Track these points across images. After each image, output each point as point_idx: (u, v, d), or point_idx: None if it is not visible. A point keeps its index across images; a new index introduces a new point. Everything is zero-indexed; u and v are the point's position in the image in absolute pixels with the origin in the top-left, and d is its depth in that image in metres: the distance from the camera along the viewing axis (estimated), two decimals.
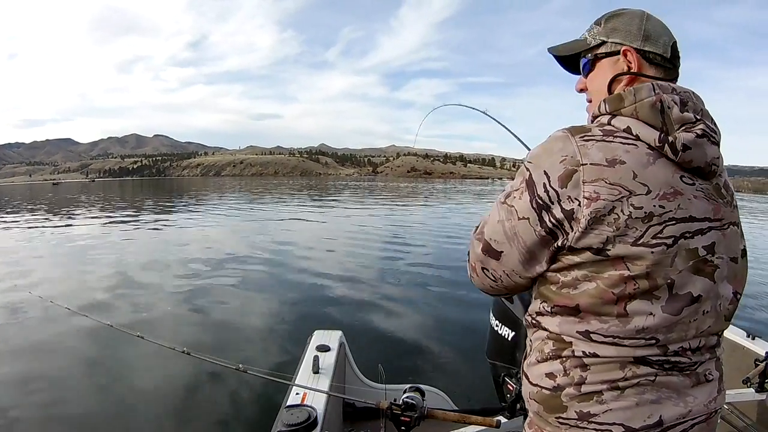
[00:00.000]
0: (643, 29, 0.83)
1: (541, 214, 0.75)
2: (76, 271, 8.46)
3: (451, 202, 30.22)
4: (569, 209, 0.72)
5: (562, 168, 0.73)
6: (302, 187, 59.61)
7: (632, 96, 0.76)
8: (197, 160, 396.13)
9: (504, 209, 0.81)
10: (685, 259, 0.73)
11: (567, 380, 0.76)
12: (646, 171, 0.72)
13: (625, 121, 0.76)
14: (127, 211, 21.86)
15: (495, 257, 0.83)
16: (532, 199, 0.76)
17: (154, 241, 12.06)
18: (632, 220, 0.70)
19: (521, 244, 0.79)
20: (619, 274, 0.71)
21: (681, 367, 0.75)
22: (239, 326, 5.31)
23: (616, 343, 0.73)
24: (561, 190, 0.73)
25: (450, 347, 4.47)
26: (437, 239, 12.00)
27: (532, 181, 0.76)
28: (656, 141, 0.73)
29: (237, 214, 20.43)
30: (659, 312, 0.72)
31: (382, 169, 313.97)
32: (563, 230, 0.74)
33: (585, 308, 0.75)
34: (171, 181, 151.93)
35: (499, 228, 0.81)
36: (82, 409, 3.52)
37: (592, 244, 0.72)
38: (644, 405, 0.73)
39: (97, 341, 4.71)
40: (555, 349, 0.79)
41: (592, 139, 0.74)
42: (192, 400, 3.58)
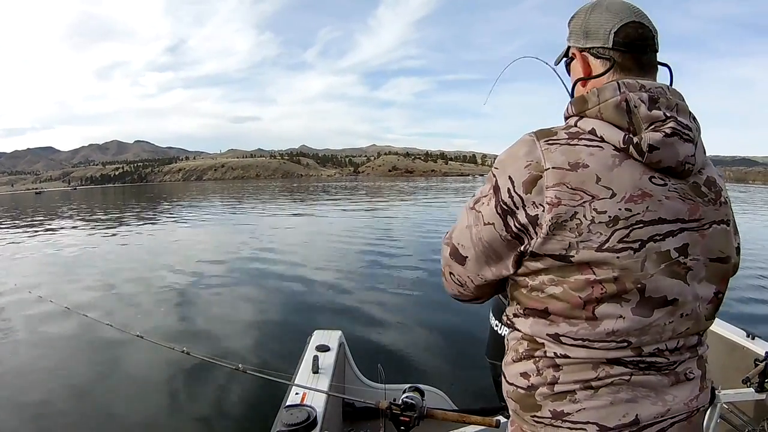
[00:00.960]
0: (584, 25, 0.81)
1: (506, 219, 0.75)
2: (75, 275, 8.46)
3: (438, 200, 30.29)
4: (534, 215, 0.71)
5: (527, 173, 0.72)
6: (285, 189, 59.81)
7: (596, 97, 0.75)
8: (179, 165, 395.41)
9: (472, 215, 0.81)
10: (656, 262, 0.70)
11: (540, 380, 0.76)
12: (611, 174, 0.70)
13: (590, 123, 0.74)
14: (114, 218, 21.89)
15: (460, 262, 0.83)
16: (497, 204, 0.75)
17: (147, 245, 12.09)
18: (595, 225, 0.69)
19: (487, 249, 0.79)
20: (585, 278, 0.70)
21: (658, 366, 0.74)
22: (239, 326, 5.31)
23: (586, 345, 0.72)
24: (525, 196, 0.72)
25: (450, 347, 4.47)
26: (435, 238, 12.00)
27: (498, 186, 0.75)
28: (621, 142, 0.71)
29: (225, 218, 20.51)
30: (629, 314, 0.71)
31: (363, 169, 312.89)
32: (528, 235, 0.73)
33: (554, 311, 0.74)
34: (153, 187, 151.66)
35: (467, 233, 0.81)
36: (82, 409, 3.52)
37: (555, 250, 0.71)
38: (619, 404, 0.72)
39: (97, 341, 4.71)
40: (528, 350, 0.79)
41: (556, 143, 0.73)
42: (192, 400, 3.58)
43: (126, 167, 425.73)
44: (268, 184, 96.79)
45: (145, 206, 32.09)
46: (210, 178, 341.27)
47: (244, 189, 66.58)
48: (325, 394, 1.64)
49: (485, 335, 1.61)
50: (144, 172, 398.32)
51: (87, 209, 30.92)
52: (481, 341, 1.66)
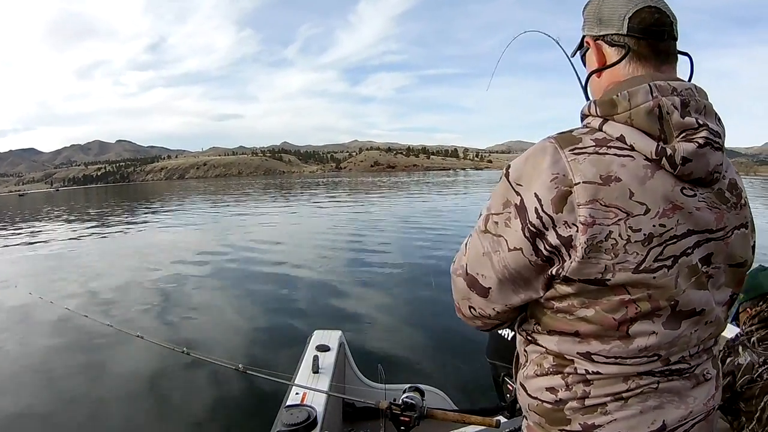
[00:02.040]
0: (597, 12, 0.76)
1: (535, 243, 0.68)
2: (74, 276, 8.46)
3: (432, 193, 30.31)
4: (567, 236, 0.65)
5: (554, 189, 0.65)
6: (270, 186, 59.63)
7: (626, 101, 0.68)
8: (161, 164, 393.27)
9: (488, 240, 0.72)
10: (687, 276, 0.68)
11: (570, 395, 0.73)
12: (644, 187, 0.65)
13: (618, 129, 0.68)
14: (102, 219, 21.64)
15: (482, 294, 0.76)
16: (524, 226, 0.68)
17: (139, 247, 12.00)
18: (631, 245, 0.64)
19: (514, 276, 0.71)
20: (619, 299, 0.67)
21: (681, 371, 0.73)
22: (239, 326, 5.31)
23: (619, 362, 0.70)
24: (556, 216, 0.65)
25: (450, 347, 4.46)
26: (432, 237, 11.98)
27: (524, 206, 0.68)
28: (653, 153, 0.66)
29: (213, 217, 20.37)
30: (661, 330, 0.69)
31: (346, 165, 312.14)
32: (560, 257, 0.67)
33: (584, 333, 0.71)
34: (136, 187, 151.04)
35: (486, 262, 0.73)
36: (82, 409, 3.52)
37: (591, 275, 0.66)
38: (648, 412, 0.71)
39: (97, 341, 4.71)
40: (555, 365, 0.75)
41: (583, 152, 0.66)
42: (192, 400, 3.58)
43: (108, 167, 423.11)
44: (251, 182, 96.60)
45: (130, 207, 31.74)
46: (192, 176, 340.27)
47: (228, 187, 66.53)
48: (325, 394, 1.64)
49: (485, 335, 1.61)
50: (126, 171, 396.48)
51: (72, 211, 30.63)
52: (481, 341, 1.66)
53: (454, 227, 13.17)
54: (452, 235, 11.30)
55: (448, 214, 17.25)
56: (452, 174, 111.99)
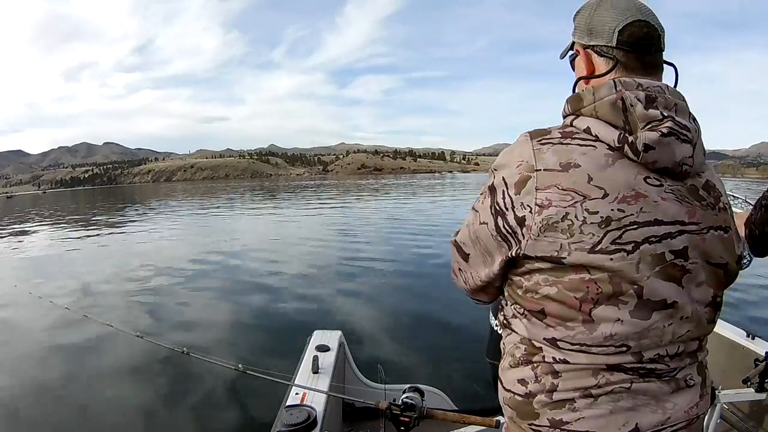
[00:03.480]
0: (588, 22, 0.79)
1: (497, 220, 0.75)
2: (69, 276, 8.46)
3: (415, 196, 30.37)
4: (521, 216, 0.71)
5: (518, 174, 0.72)
6: (258, 189, 59.64)
7: (591, 95, 0.73)
8: (148, 167, 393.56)
9: (472, 213, 0.82)
10: (651, 264, 0.69)
11: (538, 387, 0.74)
12: (604, 173, 0.68)
13: (585, 121, 0.73)
14: (95, 221, 21.62)
15: (464, 259, 0.86)
16: (492, 205, 0.76)
17: (135, 249, 11.97)
18: (587, 226, 0.67)
19: (482, 248, 0.80)
20: (580, 278, 0.69)
21: (659, 373, 0.72)
22: (239, 326, 5.31)
23: (584, 350, 0.71)
24: (515, 197, 0.72)
25: (450, 347, 4.47)
26: (429, 237, 11.99)
27: (494, 186, 0.76)
28: (615, 141, 0.70)
29: (204, 219, 20.32)
30: (627, 317, 0.69)
31: (333, 168, 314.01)
32: (516, 237, 0.73)
33: (550, 313, 0.73)
34: (123, 189, 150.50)
35: (467, 232, 0.83)
36: (82, 409, 3.52)
37: (546, 252, 0.70)
38: (619, 413, 0.70)
39: (97, 341, 4.72)
40: (526, 354, 0.77)
41: (548, 143, 0.72)
42: (192, 400, 3.58)
43: (96, 169, 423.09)
44: (239, 184, 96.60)
45: (120, 209, 31.53)
46: (179, 178, 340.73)
47: (216, 189, 66.49)
48: (325, 394, 1.64)
49: (485, 335, 1.61)
50: (114, 174, 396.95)
51: (62, 213, 30.39)
52: (481, 341, 1.66)
53: (449, 226, 13.16)
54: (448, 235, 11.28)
55: (440, 215, 17.28)
56: (438, 176, 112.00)
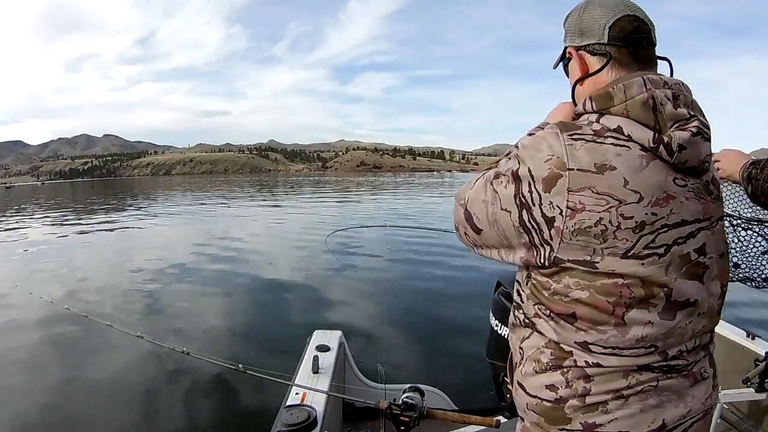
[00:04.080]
0: (578, 23, 0.79)
1: (521, 213, 0.71)
2: (68, 274, 8.44)
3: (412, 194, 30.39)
4: (550, 216, 0.68)
5: (547, 170, 0.68)
6: (258, 184, 59.37)
7: (622, 93, 0.71)
8: (147, 160, 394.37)
9: (490, 191, 0.76)
10: (679, 266, 0.70)
11: (570, 392, 0.73)
12: (639, 176, 0.67)
13: (615, 120, 0.70)
14: (91, 214, 21.45)
15: (475, 231, 0.80)
16: (517, 194, 0.72)
17: (133, 245, 11.94)
18: (621, 231, 0.66)
19: (501, 232, 0.76)
20: (612, 282, 0.68)
21: (679, 369, 0.74)
22: (239, 326, 5.31)
23: (617, 353, 0.71)
24: (543, 194, 0.68)
25: (450, 347, 4.46)
26: (429, 236, 11.97)
27: (518, 175, 0.72)
28: (650, 142, 0.68)
29: (205, 214, 20.17)
30: (657, 319, 0.70)
31: (332, 164, 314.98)
32: (542, 235, 0.71)
33: (581, 316, 0.72)
34: (122, 182, 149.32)
35: (483, 208, 0.77)
36: (81, 409, 3.52)
37: (579, 256, 0.69)
38: (648, 410, 0.71)
39: (97, 342, 4.71)
40: (554, 359, 0.75)
41: (581, 139, 0.69)
42: (191, 400, 3.58)
43: (95, 161, 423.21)
44: (239, 179, 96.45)
45: (120, 202, 31.24)
46: (179, 172, 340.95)
47: (216, 183, 66.36)
48: (325, 394, 1.64)
49: (485, 335, 1.61)
50: (113, 166, 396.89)
51: (61, 205, 30.04)
52: (481, 341, 1.66)
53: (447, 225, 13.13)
54: (448, 234, 11.26)
55: (441, 213, 17.25)
56: (437, 175, 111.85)
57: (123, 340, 4.37)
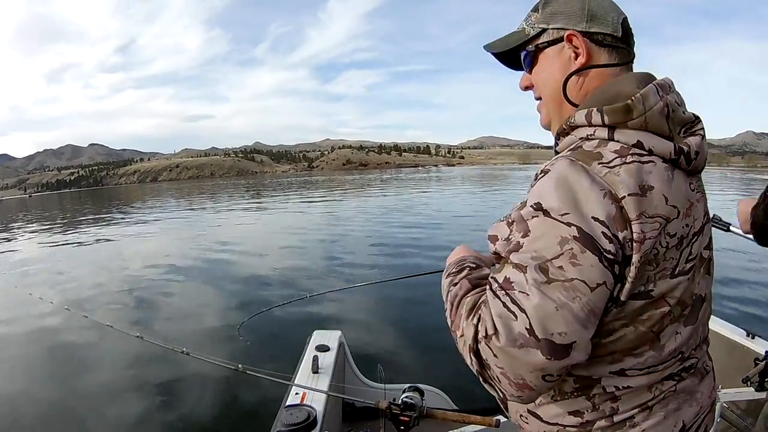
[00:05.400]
0: (587, 8, 0.72)
1: (614, 270, 0.60)
2: (67, 277, 8.46)
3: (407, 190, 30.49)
4: (628, 255, 0.61)
5: (611, 207, 0.59)
6: (245, 187, 59.31)
7: (641, 105, 0.64)
8: (133, 167, 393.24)
9: (559, 288, 0.59)
10: (699, 269, 0.70)
11: (597, 414, 0.70)
12: (672, 190, 0.63)
13: (632, 135, 0.64)
14: (81, 223, 21.44)
15: (564, 355, 0.60)
16: (600, 257, 0.58)
17: (126, 251, 11.87)
18: (669, 251, 0.63)
19: (599, 315, 0.62)
20: (660, 313, 0.65)
21: (688, 368, 0.73)
22: (238, 326, 5.30)
23: (651, 372, 0.68)
24: (621, 234, 0.59)
25: (450, 347, 4.38)
26: (429, 232, 11.98)
27: (587, 234, 0.58)
28: (672, 153, 0.64)
29: (195, 219, 20.22)
30: (682, 328, 0.69)
31: (318, 164, 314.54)
32: (619, 279, 0.62)
33: (618, 350, 0.66)
34: (110, 191, 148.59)
35: (565, 315, 0.59)
36: (81, 408, 3.52)
37: (635, 288, 0.62)
38: (670, 416, 0.71)
39: (97, 342, 4.71)
40: (579, 387, 0.70)
41: (613, 165, 0.61)
42: (192, 401, 3.58)
43: (81, 171, 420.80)
44: (226, 183, 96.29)
45: (109, 211, 31.04)
46: (165, 178, 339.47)
47: (203, 188, 66.47)
48: (325, 394, 1.64)
49: None
50: (99, 175, 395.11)
51: (51, 217, 29.96)
52: None
53: (445, 223, 13.16)
54: (449, 235, 11.27)
55: (433, 211, 17.26)
56: (423, 170, 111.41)
57: (122, 340, 4.37)
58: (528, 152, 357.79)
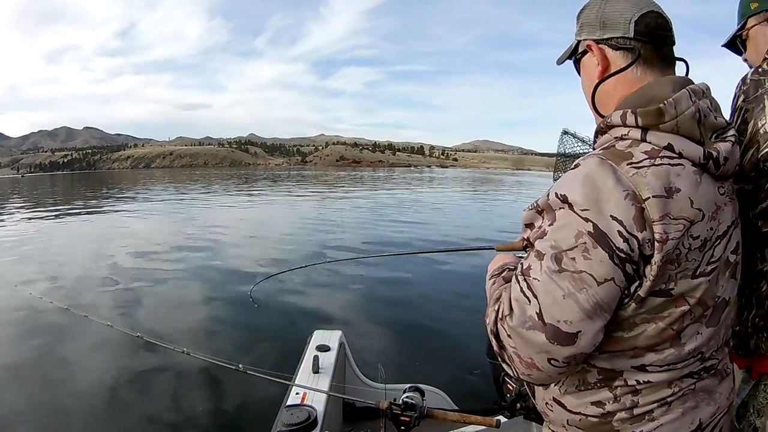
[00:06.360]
0: (600, 15, 0.76)
1: (625, 268, 0.63)
2: (64, 273, 8.42)
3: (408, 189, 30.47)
4: (648, 254, 0.63)
5: (632, 208, 0.62)
6: (238, 178, 59.07)
7: (673, 109, 0.66)
8: (127, 153, 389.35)
9: (568, 278, 0.64)
10: (724, 271, 0.71)
11: (618, 406, 0.73)
12: (698, 194, 0.65)
13: (664, 138, 0.66)
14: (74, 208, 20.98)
15: (569, 342, 0.65)
16: (612, 253, 0.62)
17: (118, 239, 11.73)
18: (692, 252, 0.65)
19: (605, 310, 0.65)
20: (680, 311, 0.67)
21: (708, 368, 0.75)
22: (238, 326, 5.31)
23: (671, 369, 0.71)
24: (640, 235, 0.62)
25: (450, 347, 4.46)
26: (428, 230, 11.98)
27: (602, 231, 0.62)
28: (701, 158, 0.66)
29: (189, 209, 19.78)
30: (704, 329, 0.71)
31: (311, 159, 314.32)
32: (638, 277, 0.65)
33: (640, 345, 0.70)
34: (102, 174, 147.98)
35: (570, 304, 0.63)
36: (81, 408, 3.52)
37: (656, 286, 0.66)
38: (687, 413, 0.73)
39: (97, 342, 4.71)
40: (602, 379, 0.73)
41: (641, 166, 0.64)
42: (192, 400, 3.58)
43: (75, 154, 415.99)
44: (220, 173, 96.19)
45: (106, 195, 30.90)
46: (158, 166, 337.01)
47: (197, 177, 66.14)
48: (325, 394, 1.64)
49: (485, 335, 1.60)
50: (93, 159, 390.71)
51: (44, 199, 29.36)
52: (481, 341, 1.65)
53: (448, 223, 13.14)
54: (449, 234, 11.25)
55: (433, 209, 17.26)
56: (416, 170, 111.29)
57: (122, 339, 4.37)
58: (522, 158, 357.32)
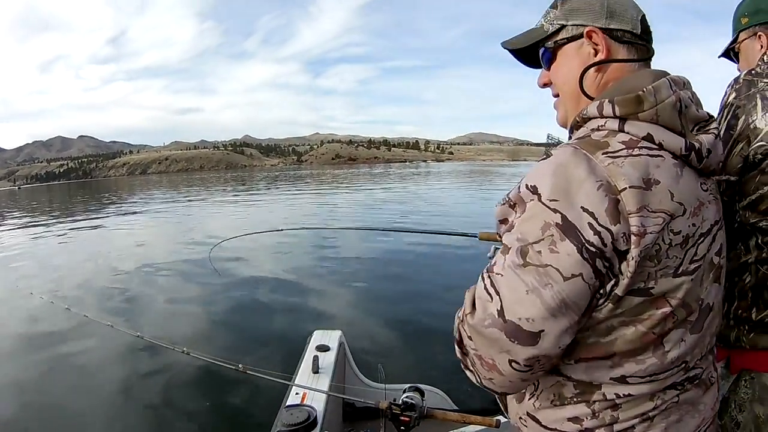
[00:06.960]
0: (606, 5, 0.72)
1: (595, 263, 0.58)
2: (64, 274, 8.43)
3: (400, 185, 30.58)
4: (623, 250, 0.59)
5: (605, 199, 0.58)
6: (234, 180, 59.15)
7: (653, 97, 0.63)
8: (123, 160, 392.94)
9: (532, 273, 0.59)
10: (708, 273, 0.67)
11: (596, 422, 0.68)
12: (679, 187, 0.62)
13: (643, 127, 0.63)
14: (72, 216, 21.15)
15: (530, 342, 0.60)
16: (581, 247, 0.57)
17: (121, 244, 11.73)
18: (672, 248, 0.61)
19: (572, 309, 0.60)
20: (661, 313, 0.63)
21: (692, 378, 0.71)
22: (238, 326, 5.30)
23: (653, 380, 0.67)
24: (614, 228, 0.58)
25: (450, 347, 4.38)
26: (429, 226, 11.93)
27: (570, 224, 0.58)
28: (683, 149, 0.63)
29: (191, 213, 19.86)
30: (688, 336, 0.67)
31: (307, 158, 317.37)
32: (612, 275, 0.60)
33: (619, 352, 0.65)
34: (99, 183, 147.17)
35: (533, 300, 0.59)
36: (80, 408, 3.52)
37: (634, 284, 0.61)
38: (671, 427, 0.69)
39: (97, 341, 4.71)
40: (578, 393, 0.69)
41: (618, 156, 0.60)
42: (192, 400, 3.58)
43: (70, 164, 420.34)
44: (217, 176, 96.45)
45: (99, 204, 30.80)
46: (154, 171, 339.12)
47: (193, 181, 66.21)
48: (325, 394, 1.64)
49: None
50: (89, 168, 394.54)
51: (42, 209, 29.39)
52: None
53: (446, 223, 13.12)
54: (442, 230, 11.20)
55: (433, 206, 17.22)
56: (412, 165, 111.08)
57: (122, 339, 4.37)
58: (517, 149, 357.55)
